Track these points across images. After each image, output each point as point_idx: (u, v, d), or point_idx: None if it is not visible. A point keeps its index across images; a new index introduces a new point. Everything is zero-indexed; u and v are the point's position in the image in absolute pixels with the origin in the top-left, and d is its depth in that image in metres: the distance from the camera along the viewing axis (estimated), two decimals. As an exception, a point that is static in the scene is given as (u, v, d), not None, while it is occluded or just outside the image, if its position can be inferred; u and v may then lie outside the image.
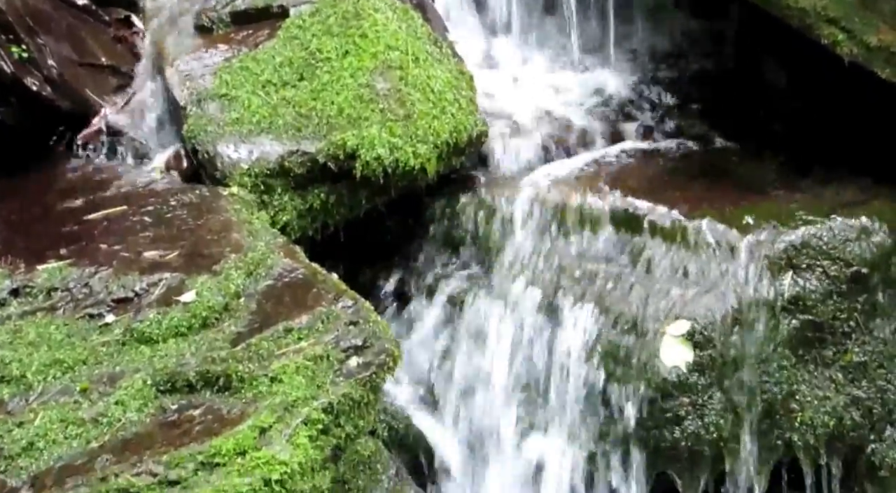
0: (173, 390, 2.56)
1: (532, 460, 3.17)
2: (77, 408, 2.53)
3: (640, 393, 3.08)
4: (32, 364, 2.64)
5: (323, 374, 2.58)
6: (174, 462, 2.39)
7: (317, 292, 2.80)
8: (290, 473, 2.39)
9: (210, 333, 2.71)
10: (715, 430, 3.07)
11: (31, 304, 2.80)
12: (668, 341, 3.05)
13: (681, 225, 3.19)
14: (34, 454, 2.46)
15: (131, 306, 2.76)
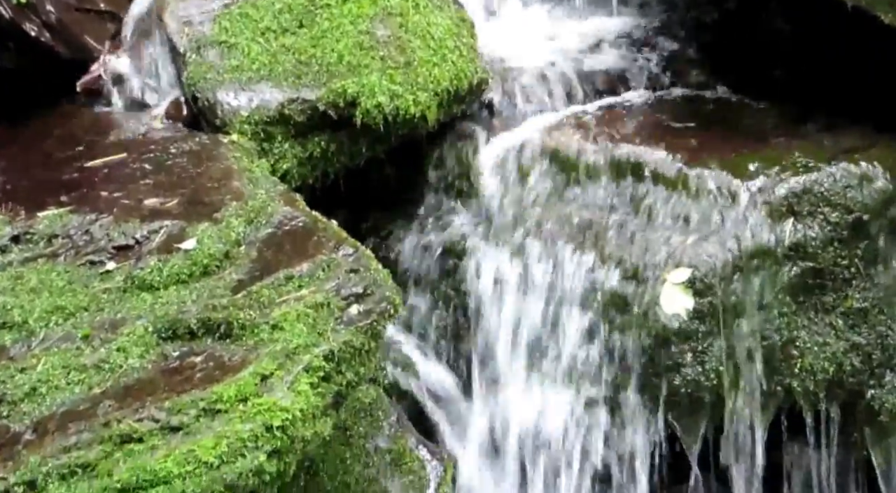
0: (174, 338, 2.57)
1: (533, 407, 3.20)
2: (79, 354, 2.54)
3: (640, 341, 3.10)
4: (34, 311, 2.64)
5: (324, 321, 2.58)
6: (176, 408, 2.40)
7: (317, 240, 2.80)
8: (291, 419, 2.39)
9: (211, 280, 2.71)
10: (715, 377, 3.08)
11: (31, 250, 2.81)
12: (668, 289, 3.06)
13: (682, 173, 3.18)
14: (37, 399, 2.47)
15: (132, 254, 2.77)
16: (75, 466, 2.32)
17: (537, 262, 3.22)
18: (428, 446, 3.14)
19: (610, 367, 3.14)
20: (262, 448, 2.34)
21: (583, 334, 3.15)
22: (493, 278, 3.28)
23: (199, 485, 2.27)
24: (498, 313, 3.26)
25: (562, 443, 3.17)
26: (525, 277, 3.24)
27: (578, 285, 3.15)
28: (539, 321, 3.20)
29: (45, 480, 2.31)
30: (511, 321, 3.25)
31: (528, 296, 3.23)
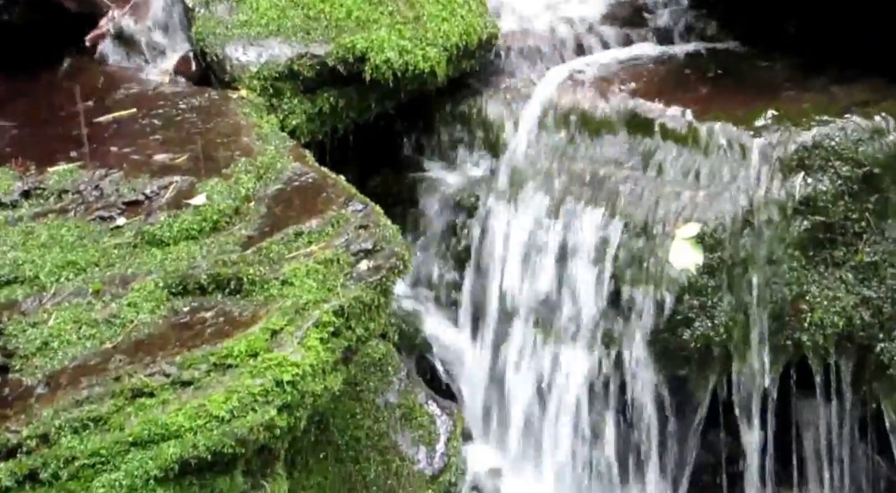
0: (185, 293, 2.57)
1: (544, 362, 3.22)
2: (90, 309, 2.55)
3: (650, 296, 3.09)
4: (45, 266, 2.64)
5: (333, 277, 2.58)
6: (187, 363, 2.40)
7: (327, 196, 2.80)
8: (301, 374, 2.40)
9: (221, 236, 2.71)
10: (725, 331, 3.08)
11: (42, 206, 2.81)
12: (678, 244, 3.05)
13: (692, 127, 3.17)
14: (48, 353, 2.48)
15: (142, 209, 2.77)
16: (87, 419, 2.33)
17: (547, 217, 3.22)
18: (438, 401, 3.15)
19: (619, 322, 3.15)
20: (273, 403, 2.35)
21: (592, 290, 3.15)
22: (503, 234, 3.28)
23: (210, 439, 2.28)
24: (507, 268, 3.27)
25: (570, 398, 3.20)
26: (535, 232, 3.24)
27: (588, 240, 3.15)
28: (549, 277, 3.21)
29: (57, 433, 2.32)
30: (520, 276, 3.25)
31: (538, 252, 3.23)
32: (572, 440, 3.19)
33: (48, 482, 2.29)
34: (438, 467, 3.03)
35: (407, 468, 2.96)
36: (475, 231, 3.31)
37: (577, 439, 3.19)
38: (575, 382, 3.15)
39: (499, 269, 3.26)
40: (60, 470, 2.29)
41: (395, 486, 2.93)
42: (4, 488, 2.30)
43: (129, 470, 2.27)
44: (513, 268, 3.23)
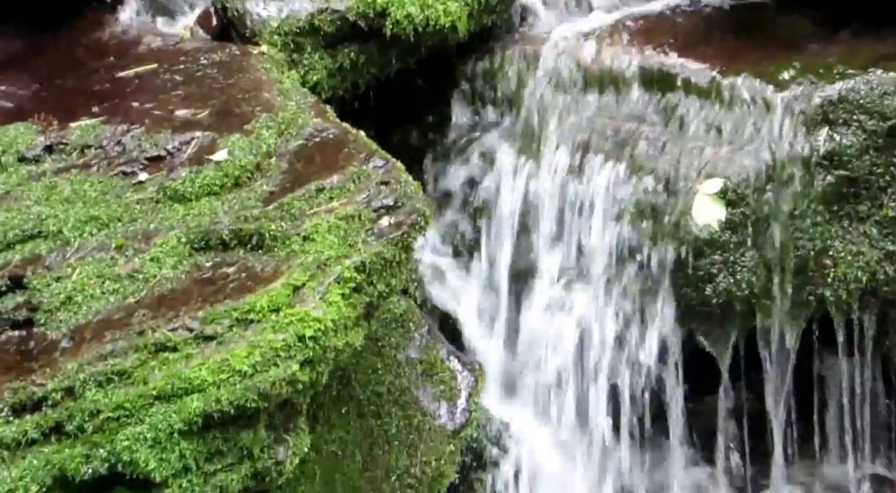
0: (207, 248, 2.58)
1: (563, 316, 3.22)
2: (113, 264, 2.56)
3: (671, 252, 3.09)
4: (68, 220, 2.65)
5: (355, 233, 2.58)
6: (210, 318, 2.41)
7: (348, 152, 2.79)
8: (323, 330, 2.40)
9: (242, 192, 2.71)
10: (747, 287, 3.07)
11: (65, 161, 2.82)
12: (700, 200, 3.04)
13: (715, 82, 3.15)
14: (73, 308, 2.50)
15: (164, 165, 2.77)
16: (112, 373, 2.35)
17: (568, 173, 3.22)
18: (459, 356, 3.16)
19: (640, 278, 3.14)
20: (295, 358, 2.36)
21: (613, 245, 3.15)
22: (523, 189, 3.28)
23: (233, 393, 2.29)
24: (528, 224, 3.27)
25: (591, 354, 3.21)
26: (555, 188, 3.24)
27: (609, 196, 3.15)
28: (570, 233, 3.20)
29: (82, 386, 2.34)
30: (542, 233, 3.25)
31: (559, 207, 3.23)
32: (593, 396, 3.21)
33: (73, 434, 2.31)
34: (460, 422, 3.04)
35: (428, 423, 2.97)
36: (495, 187, 3.30)
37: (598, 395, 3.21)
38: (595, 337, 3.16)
39: (518, 224, 3.26)
40: (86, 423, 2.31)
41: (417, 440, 2.94)
42: (31, 440, 2.32)
43: (154, 424, 2.29)
44: (532, 223, 3.23)
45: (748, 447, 3.31)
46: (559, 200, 3.20)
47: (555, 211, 3.21)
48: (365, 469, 2.85)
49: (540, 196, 3.23)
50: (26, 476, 2.29)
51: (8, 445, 2.32)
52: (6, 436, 2.32)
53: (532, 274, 3.24)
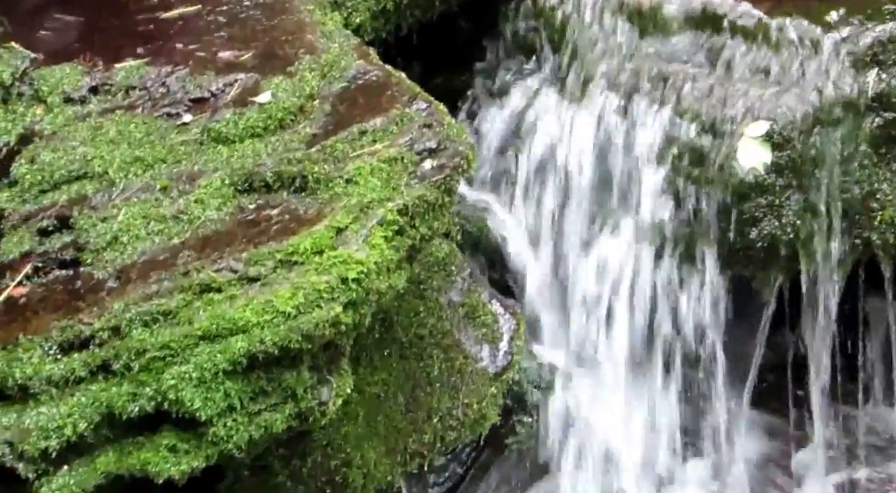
0: (251, 190, 2.58)
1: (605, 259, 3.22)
2: (158, 205, 2.57)
3: (716, 195, 3.07)
4: (114, 161, 2.66)
5: (398, 176, 2.58)
6: (253, 260, 2.42)
7: (391, 95, 2.78)
8: (366, 272, 2.40)
9: (286, 134, 2.71)
10: (792, 231, 3.05)
11: (109, 102, 2.82)
12: (745, 143, 3.02)
13: (762, 23, 3.11)
14: (118, 248, 2.51)
15: (208, 106, 2.77)
16: (157, 313, 2.37)
17: (612, 116, 3.20)
18: (501, 300, 3.16)
19: (684, 222, 3.13)
20: (338, 300, 2.36)
21: (657, 189, 3.13)
22: (567, 132, 3.26)
23: (277, 334, 2.30)
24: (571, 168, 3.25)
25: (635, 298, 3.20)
26: (599, 132, 3.22)
27: (654, 139, 3.13)
28: (613, 176, 3.19)
29: (128, 326, 2.36)
30: (585, 177, 3.24)
31: (603, 151, 3.21)
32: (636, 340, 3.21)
33: (120, 373, 2.34)
34: (502, 365, 3.05)
35: (470, 366, 2.98)
36: (538, 130, 3.29)
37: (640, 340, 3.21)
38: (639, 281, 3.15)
39: (562, 168, 3.25)
40: (132, 362, 2.34)
41: (459, 383, 2.96)
42: (78, 378, 2.36)
43: (199, 363, 2.31)
44: (576, 167, 3.22)
45: (791, 391, 3.31)
46: (603, 144, 3.20)
47: (598, 154, 3.20)
48: (407, 411, 2.86)
49: (583, 139, 3.21)
50: (75, 413, 2.32)
51: (56, 382, 2.35)
52: (55, 374, 2.35)
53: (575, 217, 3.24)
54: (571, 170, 3.23)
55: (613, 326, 3.21)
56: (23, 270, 2.53)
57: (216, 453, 2.33)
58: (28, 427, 2.32)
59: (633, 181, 3.15)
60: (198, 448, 2.33)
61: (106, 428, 2.34)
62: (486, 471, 3.18)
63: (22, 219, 2.62)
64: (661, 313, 3.17)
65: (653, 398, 3.24)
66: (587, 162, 3.21)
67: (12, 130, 2.78)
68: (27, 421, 2.33)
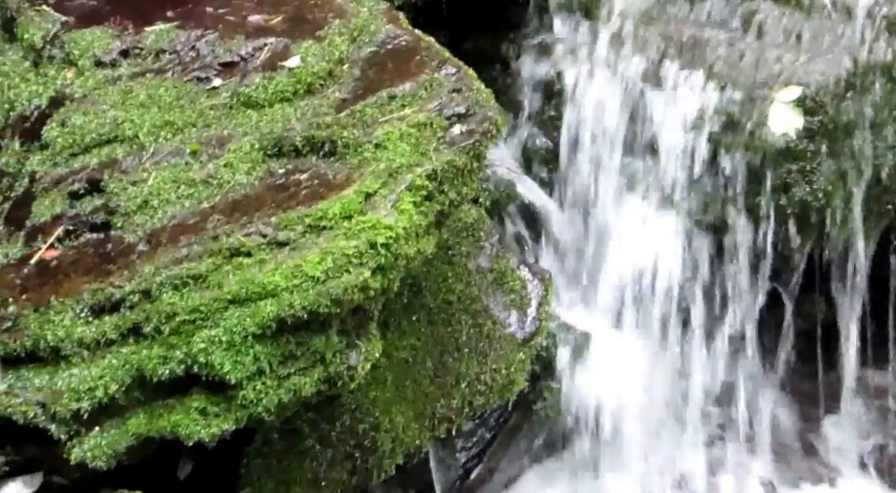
0: (280, 155, 2.58)
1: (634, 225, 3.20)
2: (188, 169, 2.58)
3: (746, 160, 3.06)
4: (144, 125, 2.67)
5: (427, 141, 2.57)
6: (282, 224, 2.42)
7: (420, 59, 2.76)
8: (395, 237, 2.40)
9: (315, 99, 2.70)
10: (823, 197, 3.04)
11: (140, 65, 2.82)
12: (777, 108, 3.00)
13: (795, -13, 3.11)
14: (149, 212, 2.52)
15: (237, 71, 2.77)
16: (187, 277, 2.38)
17: (642, 82, 3.19)
18: (529, 265, 3.15)
19: (715, 188, 3.12)
20: (367, 265, 2.36)
21: (688, 155, 3.12)
22: (596, 99, 3.25)
23: (306, 299, 2.31)
24: (600, 135, 3.24)
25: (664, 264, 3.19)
26: (629, 97, 3.20)
27: (684, 104, 3.11)
28: (643, 142, 3.18)
29: (158, 289, 2.37)
30: (614, 143, 3.23)
31: (632, 117, 3.20)
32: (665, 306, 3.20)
33: (151, 336, 2.35)
34: (530, 331, 3.05)
35: (498, 332, 2.98)
36: (569, 95, 3.28)
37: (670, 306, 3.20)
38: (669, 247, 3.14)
39: (591, 134, 3.24)
40: (162, 325, 2.35)
41: (487, 349, 2.96)
42: (109, 340, 2.37)
43: (228, 327, 2.32)
44: (606, 132, 3.21)
45: (821, 357, 3.30)
46: (634, 109, 3.18)
47: (628, 120, 3.19)
48: (435, 376, 2.87)
49: (614, 104, 3.20)
50: (106, 375, 2.34)
51: (88, 345, 2.37)
52: (86, 336, 2.37)
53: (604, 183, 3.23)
54: (601, 135, 3.22)
55: (643, 291, 3.21)
56: (54, 232, 2.55)
57: (245, 416, 2.34)
58: (60, 389, 2.34)
59: (663, 146, 3.14)
60: (227, 411, 2.34)
61: (137, 390, 2.36)
62: (514, 436, 3.19)
63: (53, 182, 2.64)
64: (691, 279, 3.17)
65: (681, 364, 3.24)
66: (617, 127, 3.20)
67: (44, 94, 2.80)
68: (59, 383, 2.35)
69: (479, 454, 3.12)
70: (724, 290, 3.17)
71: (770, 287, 3.20)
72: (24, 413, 2.34)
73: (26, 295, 2.46)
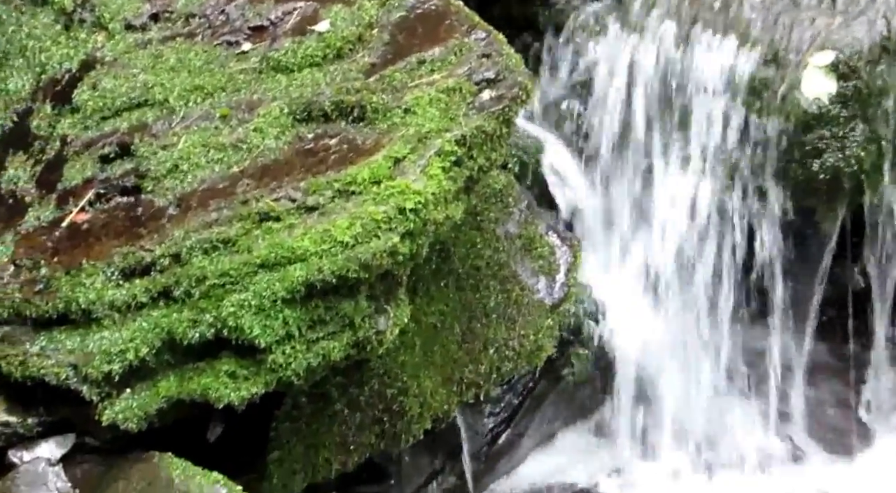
0: (309, 119, 2.58)
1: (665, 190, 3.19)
2: (218, 133, 2.58)
3: (779, 126, 3.03)
4: (174, 89, 2.67)
5: (456, 106, 2.56)
6: (312, 189, 2.43)
7: (450, 24, 2.75)
8: (424, 202, 2.40)
9: (344, 63, 2.70)
10: (856, 162, 3.02)
11: (170, 29, 2.82)
12: (810, 72, 2.97)
13: (830, -50, 3.08)
14: (179, 176, 2.53)
15: (267, 35, 2.76)
16: (217, 241, 2.39)
17: (674, 46, 3.16)
18: (558, 231, 3.14)
19: (746, 153, 3.10)
20: (396, 230, 2.36)
21: (719, 120, 3.10)
22: (628, 63, 3.22)
23: (335, 263, 2.31)
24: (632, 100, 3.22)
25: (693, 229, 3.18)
26: (660, 62, 3.18)
27: (716, 69, 3.09)
28: (674, 108, 3.16)
29: (189, 253, 2.39)
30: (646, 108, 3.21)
31: (664, 81, 3.17)
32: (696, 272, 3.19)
33: (181, 299, 2.37)
34: (558, 297, 3.04)
35: (527, 297, 2.98)
36: (600, 60, 3.26)
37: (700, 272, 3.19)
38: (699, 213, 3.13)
39: (623, 99, 3.22)
40: (192, 289, 2.36)
41: (515, 314, 2.96)
42: (140, 303, 2.39)
43: (258, 291, 2.33)
44: (638, 97, 3.19)
45: (852, 327, 3.29)
46: (664, 74, 3.16)
47: (659, 84, 3.17)
48: (464, 341, 2.87)
49: (644, 70, 3.17)
50: (136, 338, 2.36)
51: (118, 307, 2.39)
52: (117, 299, 2.39)
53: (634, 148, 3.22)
54: (633, 100, 3.20)
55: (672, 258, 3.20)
56: (85, 196, 2.56)
57: (274, 380, 2.35)
58: (91, 351, 2.36)
59: (695, 113, 3.12)
60: (256, 375, 2.35)
61: (167, 353, 2.38)
62: (542, 402, 3.20)
63: (84, 145, 2.65)
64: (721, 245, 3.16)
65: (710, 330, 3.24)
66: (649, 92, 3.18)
67: (75, 57, 2.81)
68: (90, 345, 2.37)
69: (506, 420, 3.13)
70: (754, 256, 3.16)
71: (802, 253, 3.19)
72: (57, 375, 2.36)
73: (58, 258, 2.48)
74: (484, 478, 3.13)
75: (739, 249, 3.16)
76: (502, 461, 3.17)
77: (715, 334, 3.24)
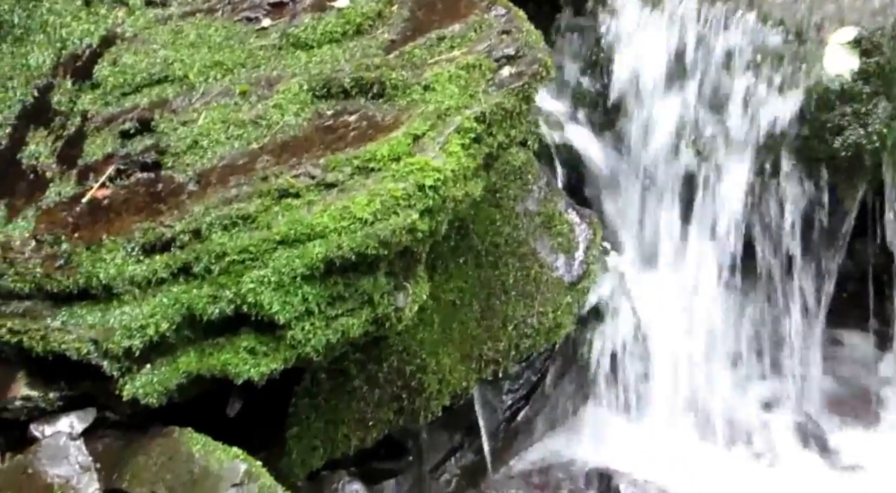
0: (329, 96, 2.57)
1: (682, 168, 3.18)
2: (237, 110, 2.58)
3: (801, 102, 3.02)
4: (194, 65, 2.68)
5: (475, 83, 2.55)
6: (331, 166, 2.42)
7: (469, 0, 2.74)
8: (443, 179, 2.39)
9: (364, 40, 2.69)
10: (878, 139, 3.00)
11: (190, 5, 2.82)
12: (833, 49, 2.95)
13: (853, -75, 3.05)
14: (198, 152, 2.54)
15: (287, 11, 2.76)
16: (236, 217, 2.40)
17: (694, 24, 3.14)
18: (577, 209, 3.14)
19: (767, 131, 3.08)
20: (415, 207, 2.36)
21: (740, 98, 3.08)
22: (648, 41, 3.20)
23: (354, 240, 2.31)
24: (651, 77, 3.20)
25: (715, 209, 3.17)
26: (680, 41, 3.16)
27: (737, 45, 3.07)
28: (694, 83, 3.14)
29: (208, 229, 2.39)
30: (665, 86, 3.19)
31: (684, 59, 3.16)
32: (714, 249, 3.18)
33: (201, 275, 2.37)
34: (577, 274, 3.04)
35: (546, 275, 2.98)
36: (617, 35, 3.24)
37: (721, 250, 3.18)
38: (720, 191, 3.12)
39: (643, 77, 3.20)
40: (212, 265, 2.37)
41: (534, 291, 2.95)
42: (160, 279, 2.39)
43: (277, 267, 2.33)
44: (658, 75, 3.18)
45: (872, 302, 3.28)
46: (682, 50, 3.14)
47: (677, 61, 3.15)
48: (482, 318, 2.87)
49: (662, 45, 3.15)
50: (157, 314, 2.37)
51: (139, 283, 2.40)
52: (137, 274, 2.40)
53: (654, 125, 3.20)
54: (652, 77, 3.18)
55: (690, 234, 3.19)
56: (106, 171, 2.57)
57: (294, 356, 2.35)
58: (112, 326, 2.37)
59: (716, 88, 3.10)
60: (276, 351, 2.35)
61: (187, 329, 2.38)
62: (560, 379, 3.19)
63: (105, 121, 2.66)
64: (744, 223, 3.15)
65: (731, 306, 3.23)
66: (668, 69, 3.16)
67: (95, 33, 2.81)
68: (111, 320, 2.38)
69: (525, 397, 3.13)
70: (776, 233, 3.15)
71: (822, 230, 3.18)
72: (78, 350, 2.38)
73: (78, 233, 2.49)
74: (502, 455, 3.13)
75: (760, 226, 3.15)
76: (520, 438, 3.17)
77: (735, 308, 3.23)
